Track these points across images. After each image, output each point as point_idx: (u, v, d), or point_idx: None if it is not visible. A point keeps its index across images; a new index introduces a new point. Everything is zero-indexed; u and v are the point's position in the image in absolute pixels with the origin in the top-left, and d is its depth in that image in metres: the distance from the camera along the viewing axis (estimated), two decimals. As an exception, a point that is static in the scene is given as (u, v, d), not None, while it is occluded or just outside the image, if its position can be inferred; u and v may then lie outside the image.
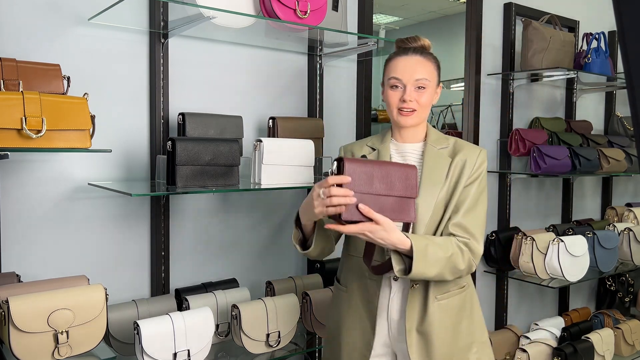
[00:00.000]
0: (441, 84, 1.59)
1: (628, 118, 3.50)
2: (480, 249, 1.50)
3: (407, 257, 1.40)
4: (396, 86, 1.52)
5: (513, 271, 2.89)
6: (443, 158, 1.54)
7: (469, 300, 1.58)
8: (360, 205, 1.32)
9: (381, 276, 1.53)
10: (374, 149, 1.61)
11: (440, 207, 1.50)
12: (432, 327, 1.50)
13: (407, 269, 1.39)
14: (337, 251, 2.40)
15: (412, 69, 1.51)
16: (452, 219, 1.49)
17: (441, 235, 1.50)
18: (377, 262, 1.51)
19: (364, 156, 1.58)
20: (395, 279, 1.52)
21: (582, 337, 2.87)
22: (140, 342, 1.58)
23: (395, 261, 1.40)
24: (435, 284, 1.50)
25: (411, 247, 1.37)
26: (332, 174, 1.33)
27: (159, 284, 1.94)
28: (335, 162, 1.34)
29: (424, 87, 1.51)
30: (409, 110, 1.51)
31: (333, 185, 1.30)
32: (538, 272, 2.65)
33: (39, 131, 1.41)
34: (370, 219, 1.33)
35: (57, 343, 1.44)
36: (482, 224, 1.52)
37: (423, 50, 1.55)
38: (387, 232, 1.34)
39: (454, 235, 1.48)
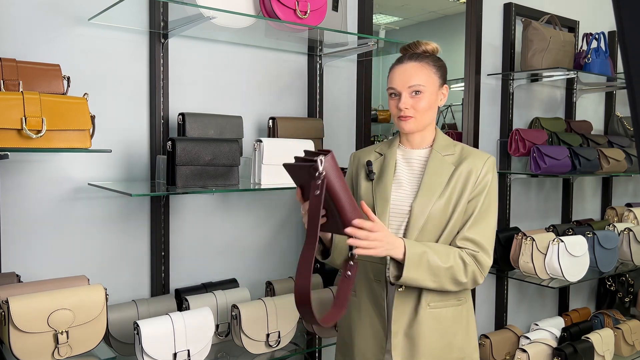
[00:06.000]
0: (446, 85, 1.57)
1: (628, 118, 3.50)
2: (489, 261, 1.49)
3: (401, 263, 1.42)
4: (394, 94, 1.54)
5: (513, 271, 2.89)
6: (446, 165, 1.53)
7: (466, 314, 1.57)
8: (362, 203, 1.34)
9: (384, 278, 1.53)
10: (381, 154, 1.63)
11: (439, 215, 1.49)
12: (420, 333, 1.49)
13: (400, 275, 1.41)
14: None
15: (405, 77, 1.51)
16: (460, 232, 1.50)
17: (450, 244, 1.50)
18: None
19: (369, 162, 1.61)
20: (392, 283, 1.52)
21: (582, 337, 2.87)
22: (140, 342, 1.58)
23: (392, 266, 1.42)
24: (425, 292, 1.50)
25: (404, 253, 1.38)
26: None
27: (159, 284, 1.94)
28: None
29: (420, 92, 1.50)
30: (407, 116, 1.52)
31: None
32: (538, 272, 2.65)
33: (39, 131, 1.41)
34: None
35: (57, 343, 1.44)
36: (491, 235, 1.51)
37: (419, 55, 1.54)
38: (388, 237, 1.35)
39: (462, 248, 1.48)
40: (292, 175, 1.34)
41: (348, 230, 1.27)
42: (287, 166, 1.32)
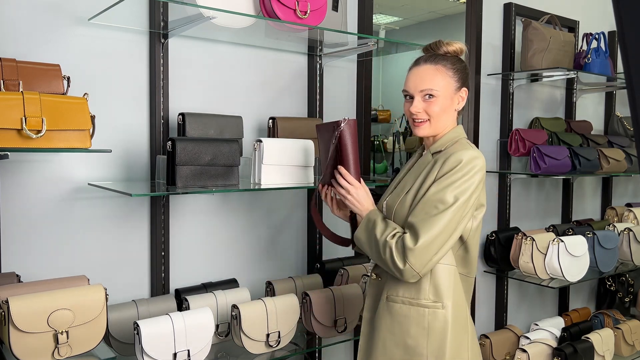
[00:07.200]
0: (465, 89, 1.53)
1: (628, 118, 3.50)
2: (413, 243, 1.36)
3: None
4: (407, 97, 1.53)
5: (513, 271, 2.89)
6: (425, 163, 1.52)
7: (432, 320, 1.44)
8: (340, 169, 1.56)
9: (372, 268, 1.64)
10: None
11: (404, 211, 1.47)
12: (378, 324, 1.52)
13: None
14: (336, 252, 2.40)
15: (418, 80, 1.50)
16: None
17: None
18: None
19: (397, 169, 1.70)
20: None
21: (582, 337, 2.87)
22: (140, 342, 1.58)
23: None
24: (388, 284, 1.51)
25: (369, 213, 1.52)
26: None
27: (159, 284, 1.94)
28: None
29: (433, 96, 1.48)
30: (419, 120, 1.51)
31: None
32: (538, 272, 2.65)
33: (39, 131, 1.41)
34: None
35: (57, 343, 1.44)
36: (435, 227, 1.37)
37: (437, 57, 1.51)
38: (361, 195, 1.53)
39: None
40: (320, 136, 1.66)
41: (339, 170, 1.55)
42: (318, 126, 1.69)
